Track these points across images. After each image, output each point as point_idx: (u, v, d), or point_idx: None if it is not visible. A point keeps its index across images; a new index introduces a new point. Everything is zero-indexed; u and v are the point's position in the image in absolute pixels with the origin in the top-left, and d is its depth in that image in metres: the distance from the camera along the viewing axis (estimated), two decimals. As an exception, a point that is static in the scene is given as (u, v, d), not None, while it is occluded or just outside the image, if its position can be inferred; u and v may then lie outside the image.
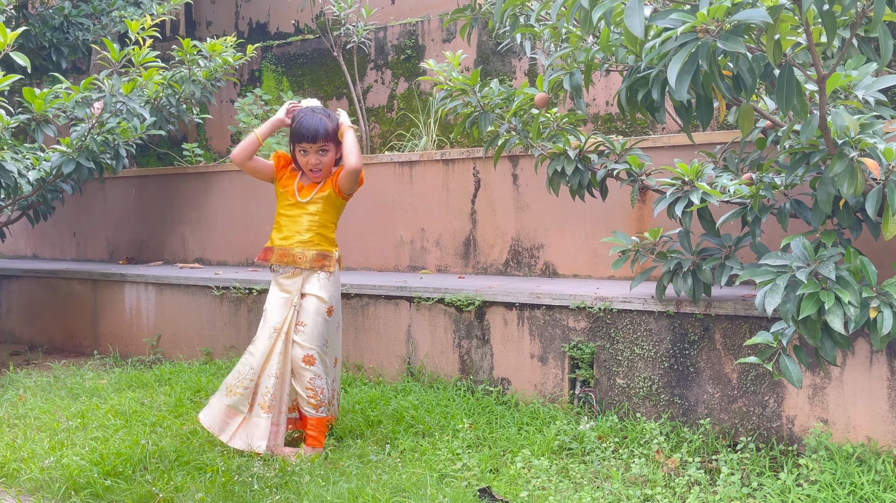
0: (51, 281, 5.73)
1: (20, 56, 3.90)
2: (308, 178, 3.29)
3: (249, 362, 3.17)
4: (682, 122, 2.58)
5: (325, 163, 3.25)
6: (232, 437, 3.12)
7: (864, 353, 2.84)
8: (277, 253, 3.23)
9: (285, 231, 3.25)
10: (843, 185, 2.36)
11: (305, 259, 3.21)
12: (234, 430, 3.12)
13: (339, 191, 3.27)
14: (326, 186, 3.27)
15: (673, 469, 2.86)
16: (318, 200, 3.26)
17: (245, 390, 3.14)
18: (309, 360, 3.16)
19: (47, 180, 4.96)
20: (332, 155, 3.27)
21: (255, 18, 7.71)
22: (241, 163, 3.29)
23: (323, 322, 3.21)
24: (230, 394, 3.15)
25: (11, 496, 2.87)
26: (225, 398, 3.15)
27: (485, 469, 2.90)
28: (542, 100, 3.13)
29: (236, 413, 3.14)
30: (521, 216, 4.42)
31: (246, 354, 3.19)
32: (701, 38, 2.07)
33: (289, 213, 3.27)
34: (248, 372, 3.15)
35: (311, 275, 3.22)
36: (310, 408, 3.18)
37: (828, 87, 2.29)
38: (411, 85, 6.18)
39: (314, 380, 3.17)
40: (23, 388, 4.28)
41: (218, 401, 3.17)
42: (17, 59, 3.90)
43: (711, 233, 3.10)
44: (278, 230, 3.27)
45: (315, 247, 3.23)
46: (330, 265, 3.24)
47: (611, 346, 3.40)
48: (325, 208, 3.26)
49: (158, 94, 5.15)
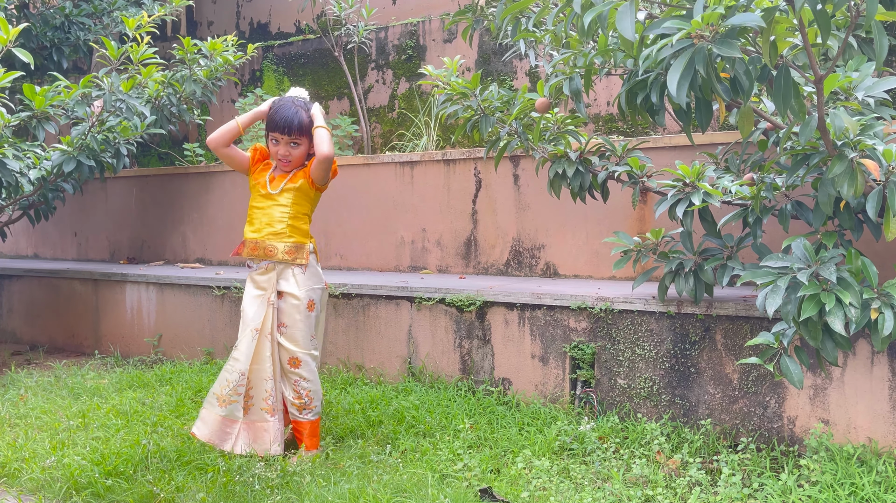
0: (52, 281, 5.73)
1: (23, 52, 3.90)
2: (279, 170, 3.22)
3: (236, 367, 3.09)
4: (683, 125, 2.58)
5: (294, 156, 3.16)
6: (234, 445, 3.08)
7: (865, 354, 2.84)
8: (249, 246, 3.17)
9: (256, 223, 3.17)
10: (844, 186, 2.36)
11: (277, 251, 3.12)
12: (235, 438, 3.09)
13: (312, 181, 3.18)
14: (298, 177, 3.18)
15: (674, 469, 2.87)
16: (289, 191, 3.16)
17: (238, 397, 3.08)
18: (294, 363, 3.13)
19: (48, 179, 4.96)
20: (304, 149, 3.18)
21: (256, 19, 7.71)
22: (217, 147, 3.20)
23: (304, 320, 3.14)
24: (223, 405, 3.09)
25: (13, 496, 2.87)
26: (218, 409, 3.09)
27: (486, 469, 2.91)
28: (543, 105, 3.13)
29: (233, 421, 3.09)
30: (522, 216, 4.42)
31: (230, 360, 3.12)
32: (696, 44, 2.07)
33: (260, 206, 3.19)
34: (237, 377, 3.08)
35: (285, 270, 3.14)
36: (294, 409, 3.15)
37: (825, 87, 2.29)
38: (412, 85, 6.19)
39: (299, 383, 3.13)
40: (24, 388, 4.28)
41: (210, 413, 3.10)
42: (19, 56, 3.89)
43: (713, 233, 3.10)
44: (250, 223, 3.20)
45: (286, 238, 3.14)
46: (303, 258, 3.15)
47: (612, 347, 3.40)
48: (296, 199, 3.17)
49: (159, 93, 5.16)
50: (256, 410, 3.11)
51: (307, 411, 3.15)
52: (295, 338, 3.12)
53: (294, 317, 3.13)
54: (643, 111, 2.68)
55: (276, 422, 3.10)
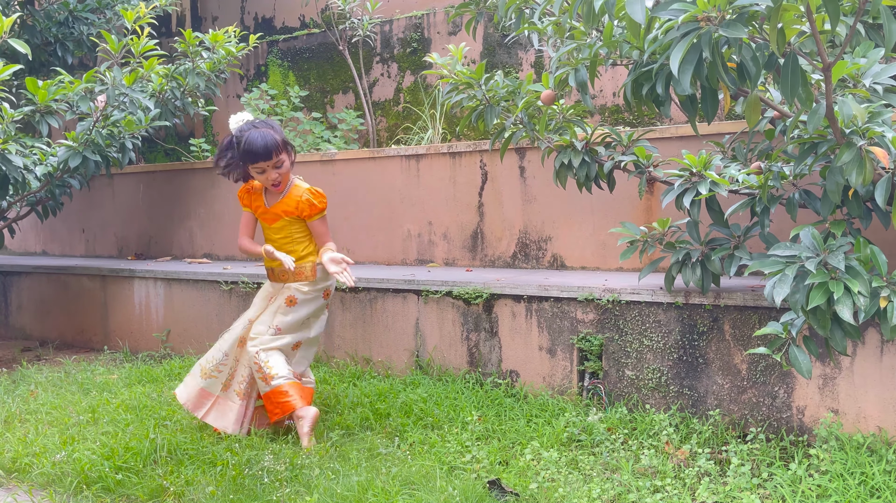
0: (60, 277, 5.75)
1: (19, 43, 3.89)
2: (271, 194, 3.37)
3: (222, 347, 3.39)
4: (688, 115, 2.56)
5: (282, 173, 3.29)
6: (206, 415, 3.33)
7: (875, 343, 2.83)
8: (268, 272, 3.43)
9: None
10: (852, 174, 2.34)
11: (287, 275, 3.34)
12: (208, 409, 3.34)
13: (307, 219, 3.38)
14: (291, 211, 3.33)
15: (683, 460, 2.86)
16: (282, 226, 3.36)
17: (219, 373, 3.36)
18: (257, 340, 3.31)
19: (55, 175, 4.97)
20: (287, 162, 3.30)
21: (260, 13, 7.70)
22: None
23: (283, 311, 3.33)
24: (205, 377, 3.36)
25: (24, 490, 2.89)
26: (200, 380, 3.37)
27: (494, 461, 2.91)
28: (549, 97, 3.12)
29: (209, 394, 3.35)
30: (529, 208, 4.41)
31: (220, 340, 3.42)
32: (703, 27, 2.06)
33: (266, 235, 3.43)
34: (220, 356, 3.37)
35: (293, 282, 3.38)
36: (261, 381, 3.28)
37: (833, 75, 2.27)
38: (417, 78, 6.17)
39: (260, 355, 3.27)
40: (34, 384, 4.31)
41: (193, 381, 3.38)
42: (16, 47, 3.89)
43: (720, 223, 3.08)
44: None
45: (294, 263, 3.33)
46: (309, 275, 3.35)
47: (619, 338, 3.39)
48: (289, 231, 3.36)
49: (163, 86, 5.16)
50: (231, 391, 3.36)
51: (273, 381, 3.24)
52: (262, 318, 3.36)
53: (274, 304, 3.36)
54: (649, 102, 2.67)
55: (241, 406, 3.34)
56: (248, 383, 3.35)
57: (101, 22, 6.18)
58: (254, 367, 3.29)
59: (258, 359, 3.27)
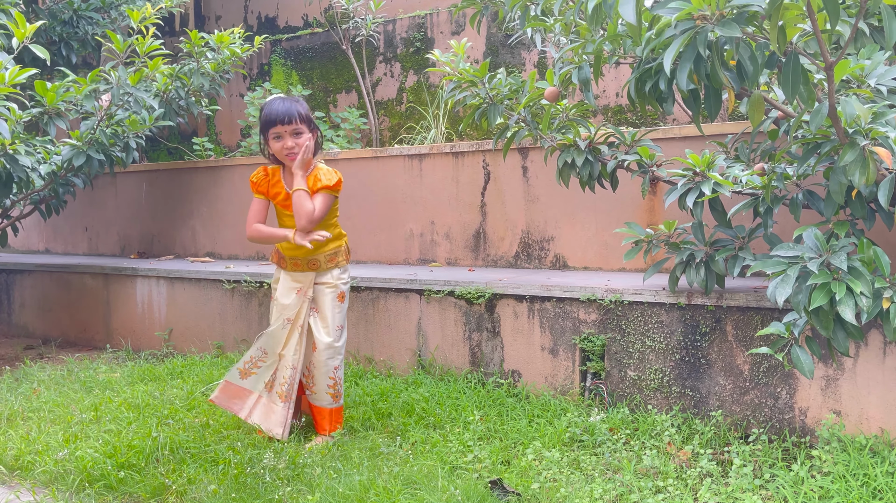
0: (63, 275, 5.76)
1: (39, 49, 3.90)
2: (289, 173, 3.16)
3: (262, 345, 3.24)
4: (692, 114, 2.56)
5: (300, 143, 3.09)
6: (250, 414, 3.23)
7: (878, 344, 2.82)
8: (290, 263, 3.24)
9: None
10: (855, 174, 2.34)
11: (320, 263, 3.22)
12: (252, 408, 3.23)
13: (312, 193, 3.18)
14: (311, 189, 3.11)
15: (685, 461, 2.86)
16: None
17: (259, 371, 3.24)
18: (331, 349, 3.21)
19: (59, 174, 4.98)
20: (307, 135, 3.11)
21: (263, 13, 7.71)
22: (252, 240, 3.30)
23: (338, 308, 3.25)
24: (245, 377, 3.26)
25: (27, 488, 2.90)
26: (239, 380, 3.26)
27: (496, 461, 2.91)
28: (553, 94, 3.12)
29: (250, 392, 3.25)
30: (531, 208, 4.41)
31: (260, 338, 3.25)
32: (699, 26, 2.06)
33: (285, 224, 3.24)
34: (259, 354, 3.24)
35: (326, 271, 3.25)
36: (329, 397, 3.22)
37: (836, 74, 2.26)
38: (420, 78, 6.17)
39: (338, 371, 3.23)
40: (37, 382, 4.31)
41: (231, 383, 3.27)
42: (36, 52, 3.90)
43: (723, 224, 3.08)
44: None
45: (322, 249, 3.20)
46: (342, 260, 3.28)
47: (622, 338, 3.39)
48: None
49: (167, 86, 5.16)
50: (274, 394, 3.24)
51: (340, 398, 3.27)
52: (331, 327, 3.22)
53: (332, 308, 3.23)
54: (652, 100, 2.66)
55: (284, 408, 3.21)
56: (288, 385, 3.20)
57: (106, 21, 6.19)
58: (328, 380, 3.21)
59: (336, 374, 3.22)
